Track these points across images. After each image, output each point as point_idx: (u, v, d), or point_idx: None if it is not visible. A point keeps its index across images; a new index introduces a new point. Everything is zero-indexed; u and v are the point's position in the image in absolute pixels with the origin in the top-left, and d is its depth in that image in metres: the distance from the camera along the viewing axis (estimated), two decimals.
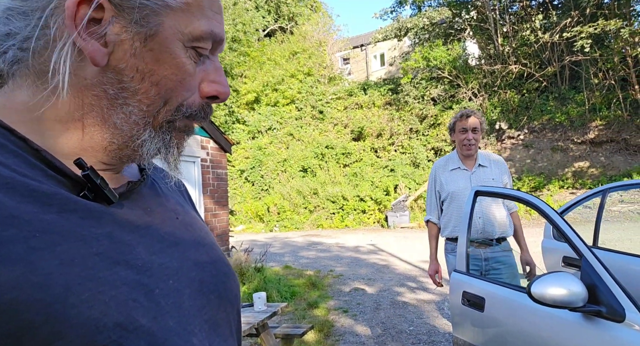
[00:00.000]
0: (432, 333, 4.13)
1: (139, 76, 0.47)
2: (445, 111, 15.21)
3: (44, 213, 0.40)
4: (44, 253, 0.38)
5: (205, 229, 0.61)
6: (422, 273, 6.56)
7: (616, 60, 12.53)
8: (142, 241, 0.48)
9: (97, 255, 0.41)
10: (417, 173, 13.98)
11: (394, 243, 9.58)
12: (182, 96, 0.50)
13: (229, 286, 0.56)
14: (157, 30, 0.47)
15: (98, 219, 0.44)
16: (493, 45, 15.81)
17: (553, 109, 13.62)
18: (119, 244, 0.44)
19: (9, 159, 0.42)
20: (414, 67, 16.00)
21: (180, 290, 0.48)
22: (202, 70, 0.51)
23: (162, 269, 0.47)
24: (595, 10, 13.28)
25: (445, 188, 2.72)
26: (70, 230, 0.41)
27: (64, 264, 0.39)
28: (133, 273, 0.44)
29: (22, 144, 0.44)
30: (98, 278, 0.40)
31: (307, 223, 13.57)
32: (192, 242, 0.55)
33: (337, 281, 6.39)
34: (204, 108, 0.52)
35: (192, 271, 0.51)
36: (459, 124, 2.69)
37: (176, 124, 0.51)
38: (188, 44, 0.49)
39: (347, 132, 16.93)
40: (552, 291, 1.54)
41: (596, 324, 1.54)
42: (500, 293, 2.02)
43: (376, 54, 23.90)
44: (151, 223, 0.51)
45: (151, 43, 0.47)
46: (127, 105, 0.48)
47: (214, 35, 0.50)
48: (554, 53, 14.11)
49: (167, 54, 0.48)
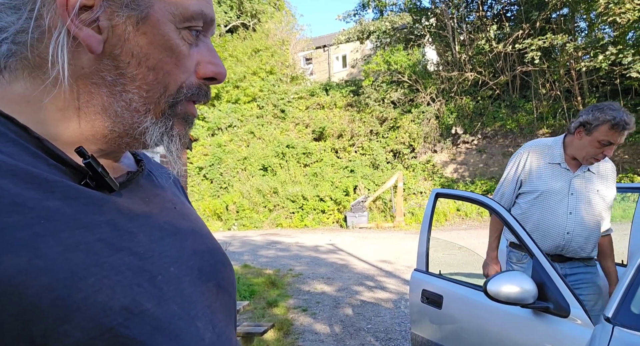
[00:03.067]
0: (389, 331, 4.25)
1: (135, 61, 0.47)
2: (405, 115, 15.61)
3: (47, 200, 0.40)
4: (48, 239, 0.38)
5: (200, 220, 0.63)
6: (380, 272, 6.72)
7: (562, 72, 13.37)
8: (143, 229, 0.48)
9: (101, 241, 0.42)
10: (376, 175, 14.26)
11: (353, 243, 9.73)
12: (180, 78, 0.50)
13: (226, 275, 0.58)
14: (148, 12, 0.47)
15: (100, 207, 0.45)
16: (451, 52, 16.41)
17: (505, 116, 14.33)
18: (121, 232, 0.45)
19: (9, 148, 0.42)
20: (375, 70, 16.30)
21: (180, 277, 0.49)
22: (197, 52, 0.51)
23: (163, 257, 0.48)
24: (544, 24, 14.11)
25: (534, 182, 2.16)
26: (73, 217, 0.41)
27: (69, 250, 0.39)
28: (136, 259, 0.44)
29: (23, 133, 0.44)
30: (102, 264, 0.41)
31: (267, 222, 13.50)
32: (190, 231, 0.56)
33: (296, 280, 6.42)
34: (203, 88, 0.52)
35: (190, 259, 0.53)
36: (605, 133, 1.98)
37: (177, 109, 0.51)
38: (180, 26, 0.49)
39: (308, 132, 16.98)
40: (506, 289, 1.65)
41: (544, 319, 1.66)
42: (457, 291, 2.12)
43: (338, 56, 24.13)
44: (150, 212, 0.52)
45: (143, 26, 0.47)
46: (127, 92, 0.48)
47: (204, 16, 0.50)
48: (506, 63, 14.85)
49: (160, 37, 0.48)
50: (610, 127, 1.95)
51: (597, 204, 2.13)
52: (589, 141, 2.02)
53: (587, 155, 2.05)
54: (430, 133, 15.10)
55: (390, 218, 12.56)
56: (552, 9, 13.61)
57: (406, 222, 12.19)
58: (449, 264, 4.94)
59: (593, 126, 2.00)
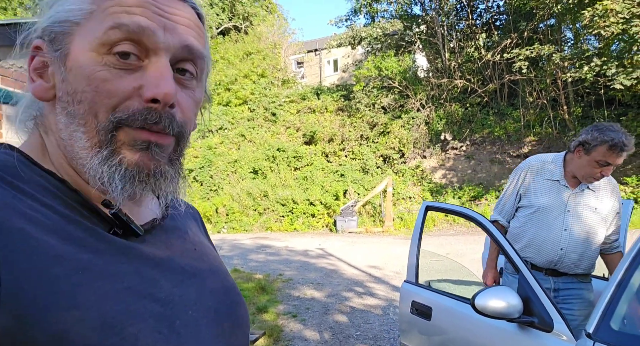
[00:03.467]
0: (378, 338, 4.30)
1: (70, 98, 0.49)
2: (395, 120, 15.75)
3: (81, 253, 0.45)
4: (83, 289, 0.43)
5: (218, 258, 0.67)
6: (369, 278, 6.78)
7: (548, 82, 13.63)
8: (165, 274, 0.53)
9: (127, 289, 0.47)
10: (366, 179, 14.35)
11: (342, 248, 9.78)
12: (106, 103, 0.48)
13: (240, 314, 0.62)
14: (69, 48, 0.49)
15: (127, 255, 0.50)
16: (440, 59, 16.61)
17: (493, 123, 14.55)
18: (145, 278, 0.50)
19: (52, 200, 0.48)
20: (366, 76, 16.42)
21: (198, 319, 0.54)
22: (140, 76, 0.49)
23: (183, 300, 0.53)
24: (532, 34, 14.38)
25: (532, 196, 2.20)
26: (104, 268, 0.46)
27: (100, 299, 0.44)
28: (158, 305, 0.49)
29: (62, 187, 0.50)
30: (129, 312, 0.45)
31: (256, 225, 13.49)
32: (208, 272, 0.61)
33: (286, 286, 6.44)
34: (144, 113, 0.49)
35: (208, 300, 0.57)
36: (603, 153, 2.00)
37: (120, 136, 0.49)
38: (101, 51, 0.48)
39: (299, 135, 17.02)
40: (493, 304, 1.71)
41: (529, 333, 1.73)
42: (446, 304, 2.18)
43: (330, 60, 24.23)
44: (172, 256, 0.57)
45: (69, 63, 0.49)
46: (76, 131, 0.49)
47: (122, 27, 0.48)
48: (495, 71, 15.08)
49: (79, 69, 0.48)
50: (608, 148, 1.98)
51: (594, 222, 2.15)
52: (588, 160, 2.05)
53: (586, 174, 2.08)
54: (420, 139, 15.25)
55: (380, 223, 12.65)
56: (539, 19, 13.88)
57: (395, 227, 12.29)
58: (436, 271, 5.02)
59: (592, 146, 2.02)
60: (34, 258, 0.41)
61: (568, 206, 2.15)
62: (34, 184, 0.48)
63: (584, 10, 10.49)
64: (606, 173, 2.04)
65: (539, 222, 2.18)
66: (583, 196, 2.17)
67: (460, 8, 17.10)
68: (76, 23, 0.49)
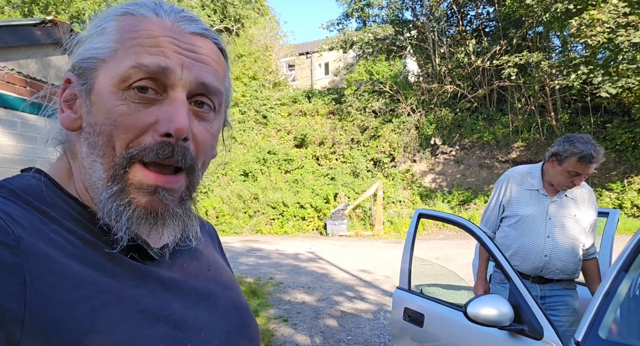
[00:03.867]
0: (368, 343, 4.33)
1: (92, 130, 0.51)
2: (386, 124, 15.84)
3: (100, 277, 0.48)
4: (101, 313, 0.45)
5: (231, 277, 0.69)
6: (359, 282, 6.81)
7: (537, 88, 13.85)
8: (178, 297, 0.55)
9: (142, 313, 0.49)
10: (356, 183, 14.40)
11: (333, 251, 9.80)
12: (123, 138, 0.50)
13: (251, 334, 0.64)
14: (93, 83, 0.52)
15: (142, 279, 0.52)
16: (431, 64, 16.77)
17: (482, 128, 14.72)
18: (159, 301, 0.52)
19: (73, 225, 0.50)
20: (358, 80, 16.52)
21: (210, 341, 0.55)
22: (157, 109, 0.51)
23: (196, 322, 0.55)
24: (520, 41, 14.61)
25: (514, 207, 2.29)
26: (121, 292, 0.49)
27: (116, 323, 0.46)
28: (170, 328, 0.51)
29: (84, 212, 0.53)
30: (142, 336, 0.47)
31: (246, 227, 13.45)
32: (221, 293, 0.63)
33: (277, 289, 6.44)
34: (156, 148, 0.50)
35: (221, 322, 0.59)
36: (573, 164, 2.11)
37: (130, 174, 0.50)
38: (121, 87, 0.50)
39: (290, 138, 17.03)
40: (485, 312, 1.75)
41: (519, 341, 1.77)
42: (438, 311, 2.22)
43: (321, 63, 24.31)
44: (186, 279, 0.59)
45: (92, 97, 0.52)
46: (95, 161, 0.52)
47: (143, 67, 0.50)
48: (484, 77, 15.28)
49: (100, 103, 0.51)
50: (578, 160, 2.09)
51: (574, 228, 2.24)
52: (560, 170, 2.17)
53: (560, 183, 2.20)
54: (410, 143, 15.37)
55: (370, 227, 12.70)
56: (528, 27, 14.11)
57: (385, 231, 12.35)
58: (426, 276, 5.07)
59: (563, 157, 2.15)
60: (58, 282, 0.43)
61: (549, 214, 2.25)
62: (59, 209, 0.50)
63: (571, 19, 10.70)
64: (577, 182, 2.15)
65: (523, 231, 2.26)
66: (562, 203, 2.27)
67: (451, 14, 17.31)
68: (101, 60, 0.52)
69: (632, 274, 1.73)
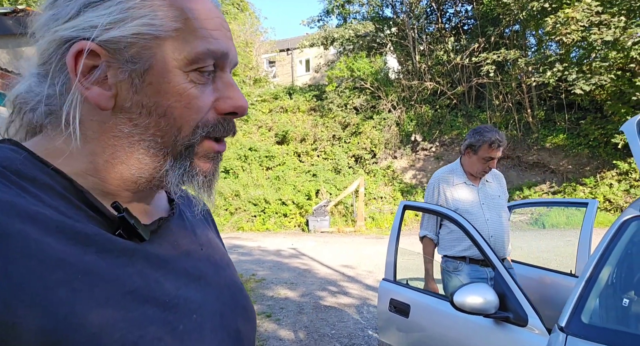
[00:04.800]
0: (352, 336, 4.34)
1: (145, 111, 0.50)
2: (367, 121, 15.92)
3: (84, 254, 0.44)
4: (83, 295, 0.42)
5: (225, 256, 0.66)
6: (342, 278, 6.83)
7: (514, 85, 14.14)
8: (170, 276, 0.52)
9: (130, 293, 0.46)
10: (338, 179, 14.44)
11: (315, 248, 9.81)
12: (193, 119, 0.51)
13: (246, 315, 0.61)
14: (151, 63, 0.49)
15: (130, 257, 0.49)
16: (411, 61, 16.93)
17: (461, 125, 14.95)
18: (149, 281, 0.49)
19: (56, 201, 0.46)
20: (339, 76, 16.54)
21: (202, 324, 0.53)
22: (214, 88, 0.53)
23: (187, 303, 0.52)
24: (498, 39, 14.88)
25: (452, 204, 2.53)
26: (106, 271, 0.45)
27: (100, 306, 0.43)
28: (160, 310, 0.48)
29: (68, 185, 0.48)
30: (129, 319, 0.44)
31: (228, 225, 13.33)
32: (214, 274, 0.60)
33: (259, 286, 6.40)
34: (222, 124, 0.53)
35: (214, 304, 0.56)
36: (486, 151, 2.45)
37: (196, 149, 0.53)
38: (187, 69, 0.50)
39: (271, 135, 16.94)
40: (471, 300, 1.77)
41: (504, 328, 1.80)
42: (424, 301, 2.23)
43: (302, 60, 24.24)
44: (178, 258, 0.55)
45: (149, 77, 0.49)
46: (144, 141, 0.51)
47: (212, 53, 0.51)
48: (463, 74, 15.51)
49: (166, 84, 0.49)
50: (489, 146, 2.45)
51: (501, 207, 2.59)
52: (476, 158, 2.51)
53: (479, 170, 2.53)
54: (391, 139, 15.49)
55: (352, 223, 12.76)
56: (505, 25, 14.38)
57: (367, 226, 12.43)
58: (409, 270, 5.13)
59: (477, 146, 2.49)
60: (33, 264, 0.40)
61: (481, 200, 2.55)
62: (40, 184, 0.46)
63: (547, 17, 10.95)
64: (492, 165, 2.51)
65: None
66: (486, 189, 2.60)
67: (430, 12, 17.49)
68: (156, 37, 0.49)
69: (612, 262, 1.78)
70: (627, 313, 1.69)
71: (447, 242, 2.54)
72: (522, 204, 3.49)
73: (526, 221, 11.17)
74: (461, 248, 2.48)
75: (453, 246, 2.51)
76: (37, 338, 0.38)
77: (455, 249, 2.49)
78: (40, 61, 0.51)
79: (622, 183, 11.53)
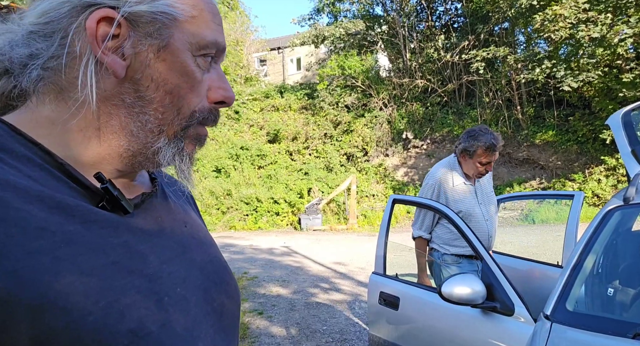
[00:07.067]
0: (344, 332, 4.36)
1: (153, 85, 0.51)
2: (358, 119, 15.94)
3: (68, 224, 0.44)
4: (67, 264, 0.41)
5: (208, 235, 0.66)
6: (334, 274, 6.84)
7: (503, 82, 14.24)
8: (154, 250, 0.52)
9: (114, 264, 0.45)
10: (330, 177, 14.44)
11: (307, 245, 9.81)
12: (193, 102, 0.54)
13: (230, 291, 0.61)
14: (169, 41, 0.51)
15: (115, 229, 0.48)
16: (402, 59, 16.97)
17: (452, 122, 15.03)
18: (133, 253, 0.49)
19: (36, 173, 0.46)
20: (330, 75, 16.53)
21: (187, 297, 0.53)
22: (209, 77, 0.55)
23: (171, 278, 0.52)
24: (488, 36, 14.98)
25: (452, 204, 2.48)
26: (90, 240, 0.45)
27: (84, 274, 0.42)
28: (145, 281, 0.48)
29: (48, 158, 0.48)
30: (114, 287, 0.44)
31: (220, 224, 13.27)
32: (198, 250, 0.60)
33: (251, 283, 6.39)
34: (213, 112, 0.57)
35: (197, 279, 0.56)
36: (481, 155, 2.43)
37: (189, 132, 0.55)
38: (196, 53, 0.53)
39: (262, 134, 16.89)
40: (458, 291, 1.78)
41: (491, 318, 1.82)
42: (413, 293, 2.25)
43: (293, 58, 24.17)
44: (162, 233, 0.55)
45: (164, 54, 0.51)
46: (144, 113, 0.52)
47: (217, 44, 0.55)
48: (453, 72, 15.58)
49: (178, 64, 0.52)
50: (484, 150, 2.42)
51: (493, 204, 2.65)
52: (472, 162, 2.50)
53: (475, 172, 2.52)
54: (383, 137, 15.52)
55: (344, 221, 12.78)
56: (494, 22, 14.47)
57: (359, 224, 12.45)
58: (400, 266, 5.15)
59: (471, 151, 2.46)
60: (14, 231, 0.39)
61: (479, 200, 2.56)
62: (18, 155, 0.46)
63: (535, 14, 11.04)
64: (489, 168, 2.49)
65: (469, 222, 2.41)
66: (481, 187, 2.61)
67: (420, 9, 17.53)
68: (176, 19, 0.52)
69: (596, 250, 1.80)
70: (611, 300, 1.72)
71: (447, 241, 2.51)
72: (511, 198, 3.53)
73: (516, 217, 11.27)
74: (462, 248, 2.44)
75: (454, 246, 2.49)
76: (21, 304, 0.38)
77: (456, 249, 2.47)
78: (42, 19, 0.49)
79: (609, 178, 11.67)
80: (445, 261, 2.56)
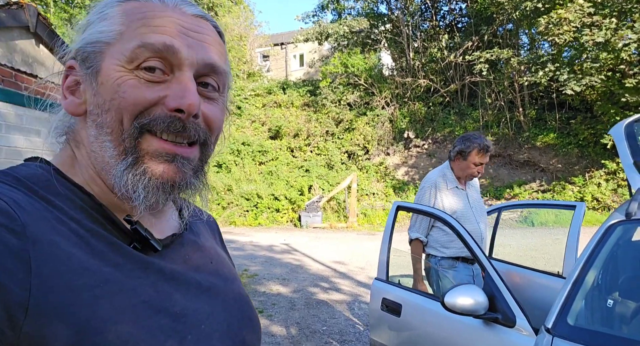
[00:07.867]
0: (344, 332, 4.40)
1: (99, 110, 0.52)
2: (360, 117, 15.94)
3: (104, 266, 0.48)
4: (104, 302, 0.45)
5: (232, 270, 0.69)
6: (334, 274, 6.88)
7: (506, 84, 14.24)
8: (180, 288, 0.55)
9: (143, 303, 0.49)
10: (331, 175, 14.47)
11: (307, 243, 9.85)
12: (131, 110, 0.51)
13: (252, 326, 0.64)
14: (100, 65, 0.53)
15: (145, 270, 0.52)
16: (405, 58, 16.95)
17: (454, 122, 15.04)
18: (160, 293, 0.52)
19: (79, 214, 0.50)
20: (333, 72, 16.51)
21: (210, 333, 0.56)
22: (165, 87, 0.52)
23: (196, 314, 0.55)
24: (491, 38, 14.96)
25: (447, 208, 2.59)
26: (123, 281, 0.49)
27: (118, 312, 0.46)
28: (170, 320, 0.51)
29: (88, 200, 0.53)
30: (142, 326, 0.48)
31: (220, 219, 13.31)
32: (222, 286, 0.63)
33: (252, 281, 6.43)
34: (172, 121, 0.52)
35: (221, 314, 0.59)
36: (475, 156, 2.58)
37: (143, 145, 0.52)
38: (130, 67, 0.51)
39: (264, 130, 16.90)
40: (461, 301, 1.81)
41: (493, 329, 1.85)
42: (415, 301, 2.28)
43: (296, 54, 24.13)
44: (188, 270, 0.59)
45: (100, 78, 0.53)
46: (104, 141, 0.53)
47: (147, 46, 0.51)
48: (456, 72, 15.57)
49: (109, 81, 0.51)
50: (478, 151, 2.58)
51: (483, 208, 2.75)
52: (466, 164, 2.63)
53: (468, 174, 2.66)
54: (384, 136, 15.54)
55: (344, 219, 12.82)
56: (499, 24, 14.45)
57: (359, 223, 12.49)
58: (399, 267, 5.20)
59: (467, 152, 2.61)
60: (62, 269, 0.44)
61: (470, 203, 2.68)
62: (64, 197, 0.50)
63: (540, 17, 11.02)
64: (481, 170, 2.64)
65: (464, 223, 2.47)
66: (471, 191, 2.74)
67: (425, 9, 17.50)
68: (107, 43, 0.53)
69: (598, 265, 1.83)
70: (612, 315, 1.75)
71: (443, 243, 2.59)
72: (511, 206, 3.55)
73: (515, 219, 11.31)
74: (458, 249, 2.53)
75: (449, 247, 2.57)
76: (60, 339, 0.41)
77: (451, 251, 2.55)
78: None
79: (610, 182, 11.70)
80: (442, 266, 2.60)
